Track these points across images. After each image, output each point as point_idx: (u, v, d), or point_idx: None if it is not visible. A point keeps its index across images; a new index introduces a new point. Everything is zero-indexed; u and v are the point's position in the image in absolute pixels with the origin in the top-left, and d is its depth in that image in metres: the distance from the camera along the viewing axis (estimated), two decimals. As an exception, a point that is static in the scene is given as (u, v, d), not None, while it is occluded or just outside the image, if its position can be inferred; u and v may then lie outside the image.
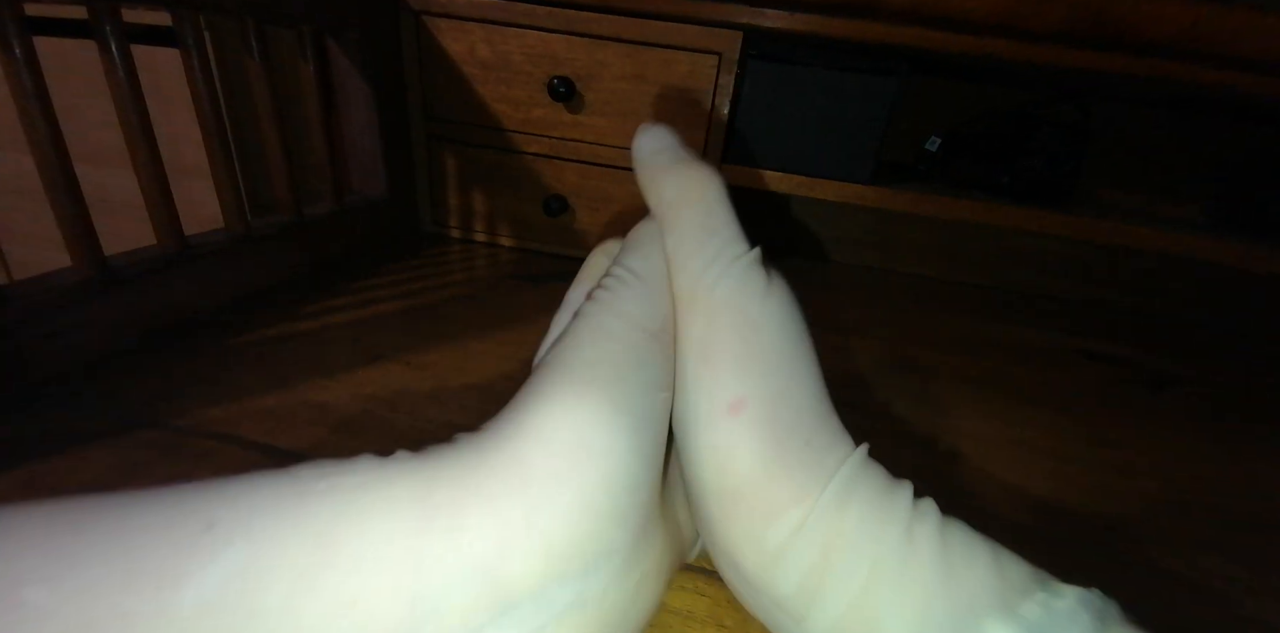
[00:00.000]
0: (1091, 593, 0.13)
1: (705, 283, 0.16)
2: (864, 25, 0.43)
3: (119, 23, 0.27)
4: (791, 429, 0.15)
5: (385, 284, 0.42)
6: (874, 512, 0.14)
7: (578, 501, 0.12)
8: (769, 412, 0.15)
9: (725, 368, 0.15)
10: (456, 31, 0.46)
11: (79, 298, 0.26)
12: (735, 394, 0.15)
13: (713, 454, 0.15)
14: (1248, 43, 0.39)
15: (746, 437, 0.15)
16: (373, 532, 0.11)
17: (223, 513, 0.11)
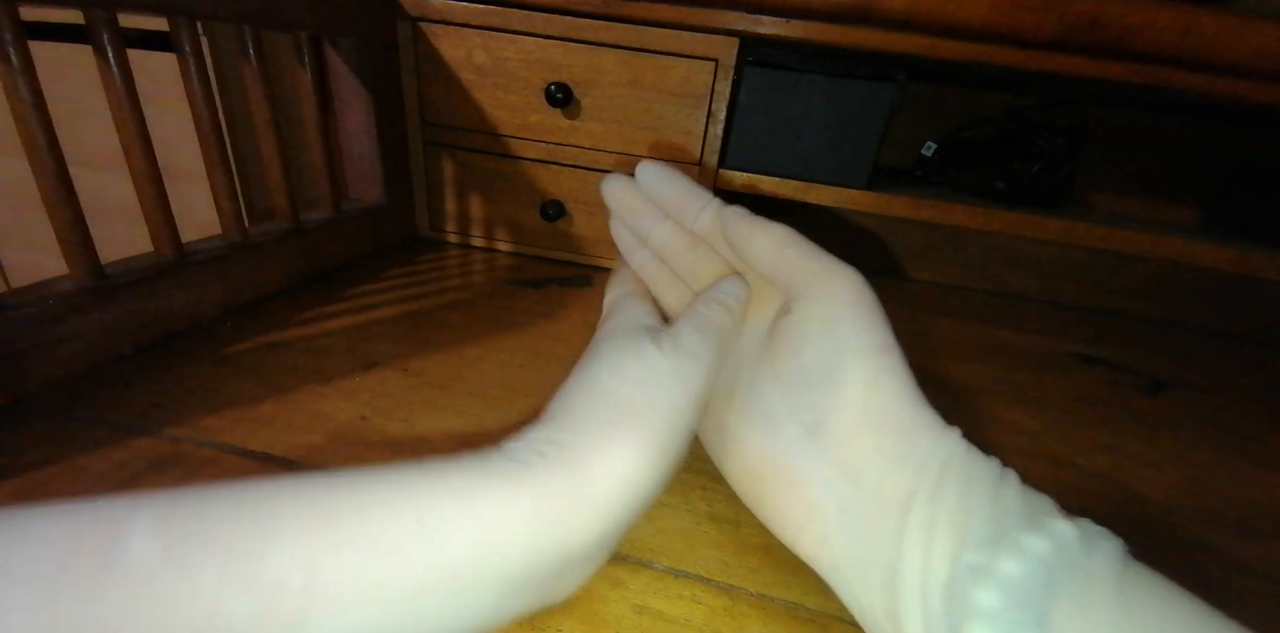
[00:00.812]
0: (1099, 528, 0.16)
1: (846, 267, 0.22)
2: (860, 32, 0.43)
3: (116, 29, 0.27)
4: (916, 386, 0.20)
5: (382, 290, 0.42)
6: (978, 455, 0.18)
7: (621, 517, 0.17)
8: (901, 361, 0.20)
9: (875, 319, 0.20)
10: (454, 38, 0.46)
11: (76, 306, 0.26)
12: (883, 340, 0.20)
13: (866, 382, 0.19)
14: (1241, 49, 0.40)
15: (894, 372, 0.19)
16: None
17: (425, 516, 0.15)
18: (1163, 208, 0.63)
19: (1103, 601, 0.14)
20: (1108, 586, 0.14)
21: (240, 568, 0.13)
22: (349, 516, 0.14)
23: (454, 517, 0.15)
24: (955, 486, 0.17)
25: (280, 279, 0.39)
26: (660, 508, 0.25)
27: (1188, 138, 0.59)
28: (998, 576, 0.14)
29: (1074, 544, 0.15)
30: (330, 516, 0.14)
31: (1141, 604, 0.14)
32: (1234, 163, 0.59)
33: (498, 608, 0.16)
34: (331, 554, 0.13)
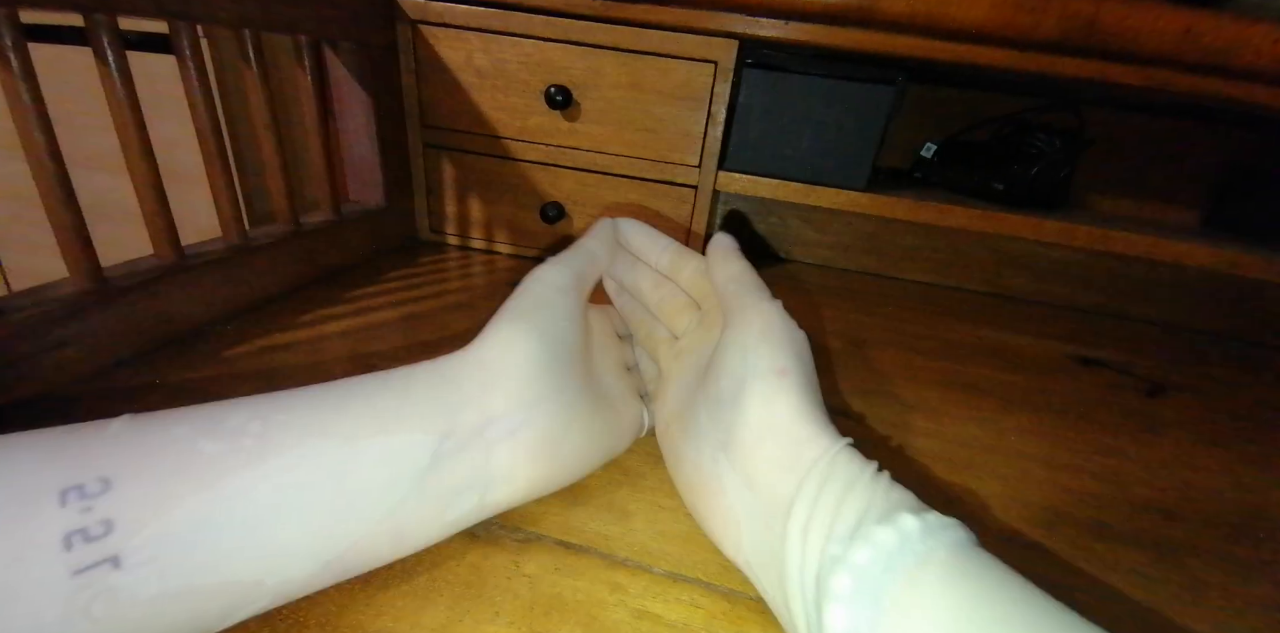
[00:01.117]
0: (945, 520, 0.18)
1: (768, 306, 0.24)
2: (859, 34, 0.43)
3: (116, 32, 0.27)
4: (815, 403, 0.22)
5: (383, 293, 0.42)
6: (857, 461, 0.20)
7: (511, 371, 0.22)
8: (803, 383, 0.22)
9: (778, 350, 0.22)
10: (453, 40, 0.46)
11: (75, 310, 0.26)
12: (782, 364, 0.22)
13: (763, 397, 0.21)
14: (1241, 51, 0.40)
15: (788, 392, 0.21)
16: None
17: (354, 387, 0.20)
18: (1161, 209, 0.63)
19: (932, 580, 0.16)
20: (939, 568, 0.16)
21: (208, 424, 0.17)
22: (297, 391, 0.20)
23: (369, 381, 0.21)
24: (832, 489, 0.19)
25: (280, 282, 0.39)
26: (659, 511, 0.25)
27: (1186, 139, 0.60)
28: (849, 563, 0.17)
29: (915, 534, 0.17)
30: (276, 393, 0.19)
31: (967, 584, 0.16)
32: (1233, 164, 0.59)
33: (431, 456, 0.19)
34: (282, 410, 0.18)
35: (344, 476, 0.18)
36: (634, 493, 0.26)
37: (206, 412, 0.18)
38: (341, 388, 0.20)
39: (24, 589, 0.13)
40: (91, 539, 0.14)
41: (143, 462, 0.16)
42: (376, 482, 0.18)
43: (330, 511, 0.17)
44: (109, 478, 0.15)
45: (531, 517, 0.24)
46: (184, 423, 0.17)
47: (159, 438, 0.17)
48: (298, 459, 0.17)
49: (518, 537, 0.23)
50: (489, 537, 0.22)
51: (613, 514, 0.25)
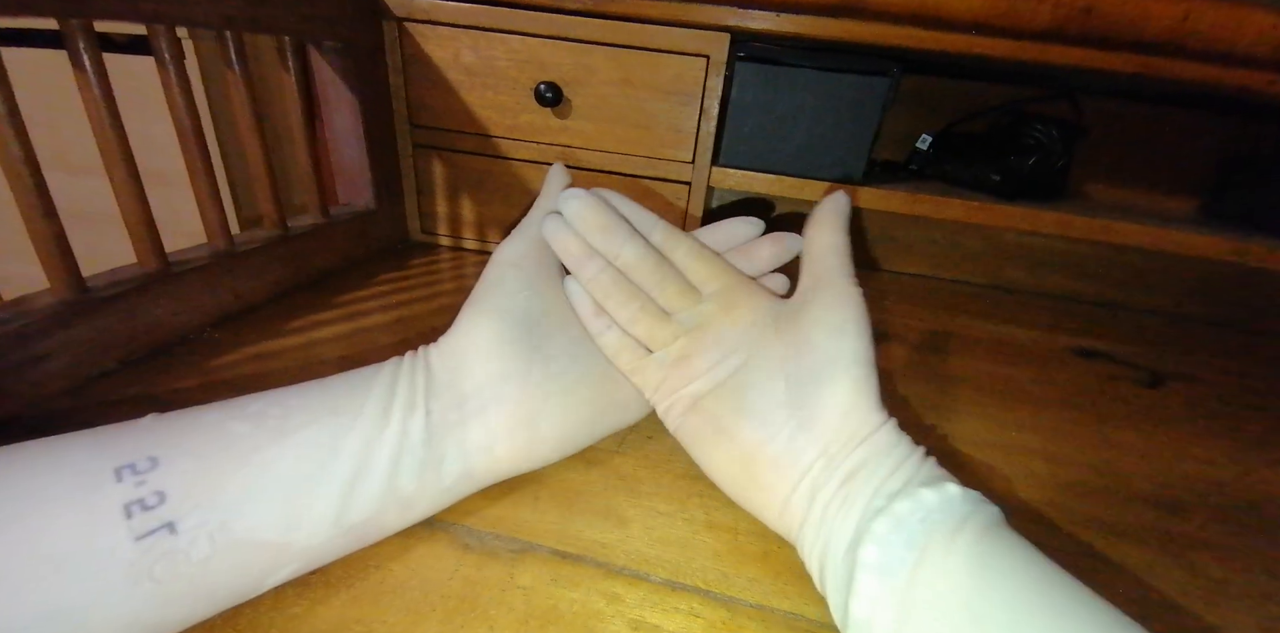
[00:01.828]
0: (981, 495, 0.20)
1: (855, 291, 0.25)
2: (852, 25, 0.42)
3: (92, 37, 0.26)
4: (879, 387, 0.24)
5: (373, 296, 0.42)
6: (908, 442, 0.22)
7: (474, 353, 0.24)
8: (875, 369, 0.23)
9: (865, 334, 0.24)
10: (441, 38, 0.46)
11: (57, 322, 0.26)
12: (869, 353, 0.24)
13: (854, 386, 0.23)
14: (1239, 37, 0.39)
15: (872, 377, 0.23)
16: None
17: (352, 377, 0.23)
18: (1160, 198, 0.62)
19: (968, 540, 0.18)
20: (975, 532, 0.18)
21: (234, 409, 0.20)
22: (305, 384, 0.22)
23: (373, 371, 0.23)
24: (890, 459, 0.21)
25: (269, 287, 0.38)
26: (656, 517, 0.25)
27: (1184, 127, 0.59)
28: (890, 511, 0.19)
29: (957, 499, 0.19)
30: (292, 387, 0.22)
31: (998, 550, 0.18)
32: (1232, 152, 0.59)
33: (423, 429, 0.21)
34: (296, 395, 0.21)
35: (354, 448, 0.20)
36: (631, 499, 0.26)
37: (229, 402, 0.20)
38: (345, 377, 0.23)
39: (95, 556, 0.15)
40: (148, 508, 0.16)
41: (183, 442, 0.18)
42: (382, 454, 0.20)
43: (345, 480, 0.19)
44: (156, 457, 0.17)
45: (527, 526, 0.23)
46: (212, 410, 0.20)
47: (193, 423, 0.19)
48: (315, 434, 0.19)
49: (513, 547, 0.22)
50: (483, 548, 0.22)
51: (609, 521, 0.24)
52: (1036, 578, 0.17)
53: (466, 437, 0.22)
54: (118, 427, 0.18)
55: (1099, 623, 0.16)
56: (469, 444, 0.22)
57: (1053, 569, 0.18)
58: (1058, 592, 0.17)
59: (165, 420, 0.19)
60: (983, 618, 0.16)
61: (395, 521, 0.21)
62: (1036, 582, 0.17)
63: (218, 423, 0.19)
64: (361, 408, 0.21)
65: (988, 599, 0.17)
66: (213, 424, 0.19)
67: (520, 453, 0.24)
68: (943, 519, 0.18)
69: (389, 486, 0.20)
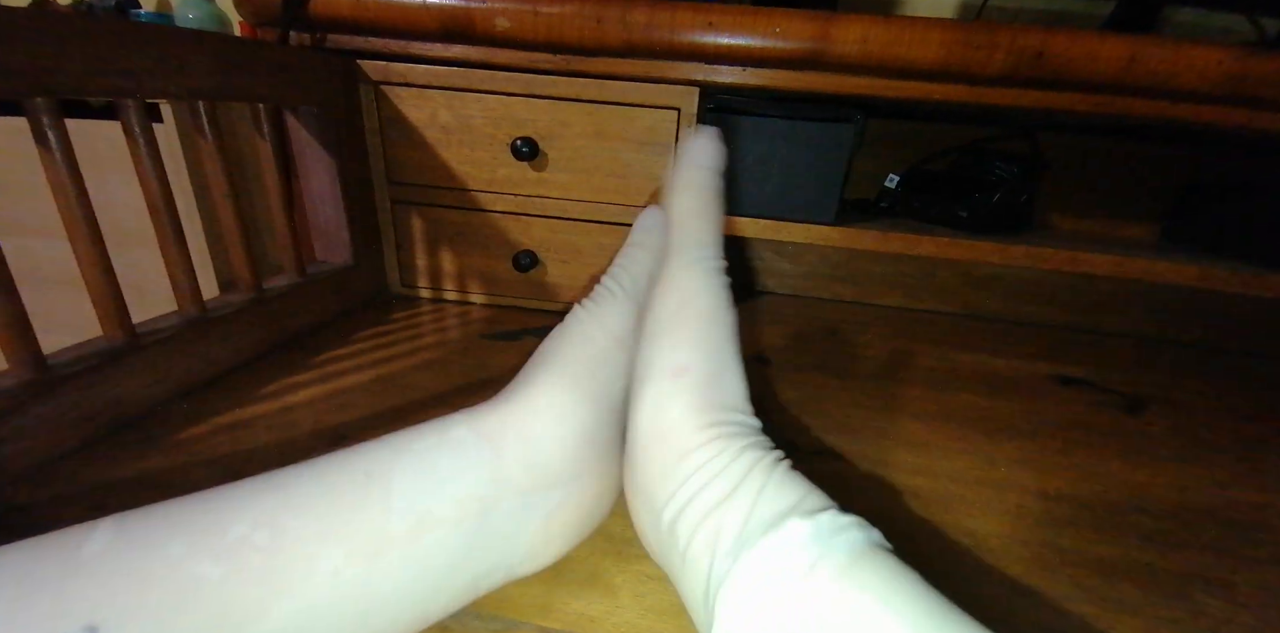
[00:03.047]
0: (841, 520, 0.17)
1: (689, 273, 0.22)
2: (815, 77, 0.44)
3: (58, 113, 0.26)
4: (716, 398, 0.20)
5: (351, 355, 0.41)
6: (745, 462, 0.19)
7: (557, 446, 0.20)
8: (704, 381, 0.20)
9: (680, 340, 0.20)
10: (417, 99, 0.47)
11: (17, 404, 0.25)
12: (682, 361, 0.20)
13: (653, 403, 0.20)
14: (1185, 74, 0.41)
15: (681, 394, 0.20)
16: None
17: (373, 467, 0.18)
18: (1123, 225, 0.65)
19: (821, 586, 0.15)
20: (831, 573, 0.16)
21: (206, 537, 0.15)
22: (302, 476, 0.17)
23: (390, 458, 0.18)
24: (710, 496, 0.18)
25: (242, 351, 0.38)
26: (646, 582, 0.24)
27: (1141, 158, 0.61)
28: (736, 576, 0.16)
29: (805, 539, 0.16)
30: (282, 479, 0.17)
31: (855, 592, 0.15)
32: (1189, 180, 0.61)
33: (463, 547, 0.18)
34: (291, 511, 0.16)
35: (367, 587, 0.16)
36: (618, 563, 0.25)
37: (203, 517, 0.16)
38: (359, 469, 0.18)
39: None
40: None
41: (132, 599, 0.14)
42: (403, 587, 0.17)
43: (354, 624, 0.16)
44: (95, 627, 0.13)
45: (509, 602, 0.22)
46: (178, 538, 0.15)
47: (150, 562, 0.14)
48: (312, 576, 0.15)
49: (494, 627, 0.21)
50: (464, 630, 0.21)
51: (596, 591, 0.23)
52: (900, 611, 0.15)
53: (520, 540, 0.19)
54: (53, 556, 0.14)
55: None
56: (520, 549, 0.19)
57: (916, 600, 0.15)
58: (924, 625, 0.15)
59: (118, 549, 0.14)
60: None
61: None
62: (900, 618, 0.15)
63: (184, 562, 0.14)
64: (383, 527, 0.16)
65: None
66: (177, 564, 0.14)
67: (566, 552, 0.21)
68: (794, 567, 0.16)
69: (412, 620, 0.17)
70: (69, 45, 0.25)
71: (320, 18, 0.43)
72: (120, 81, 0.27)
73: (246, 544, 0.15)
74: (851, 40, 0.41)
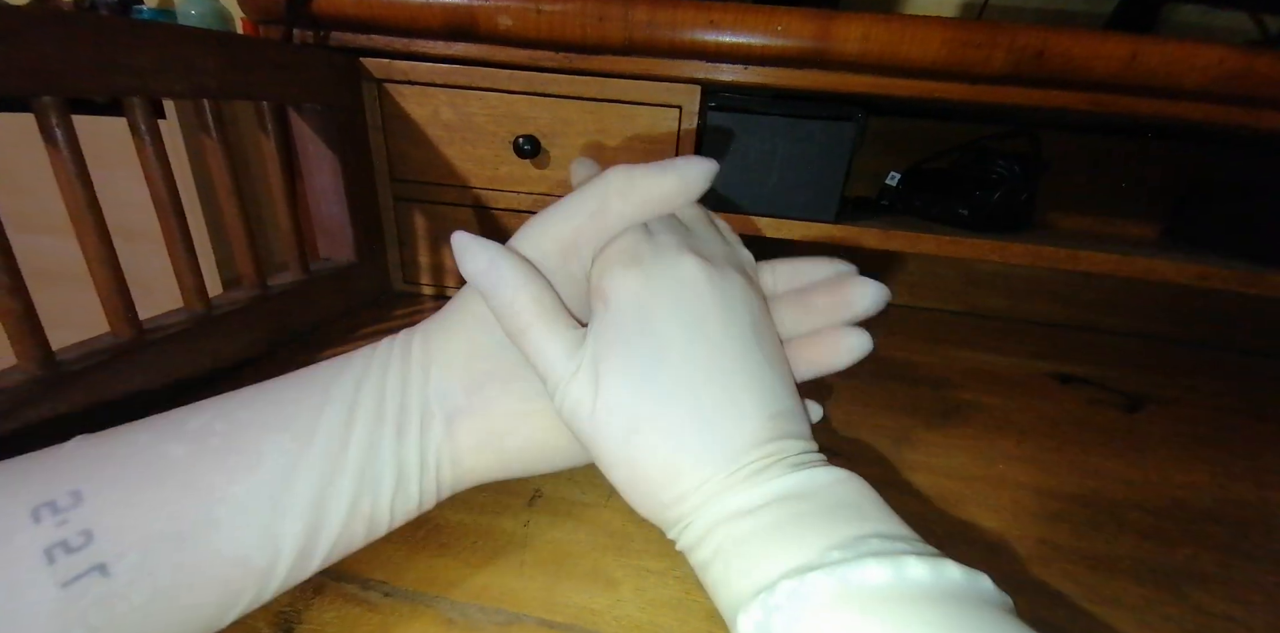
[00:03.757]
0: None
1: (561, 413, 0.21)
2: (816, 75, 0.44)
3: (66, 113, 0.26)
4: (681, 443, 0.19)
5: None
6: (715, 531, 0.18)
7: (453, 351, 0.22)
8: (658, 438, 0.19)
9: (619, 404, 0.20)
10: (420, 97, 0.47)
11: (25, 400, 0.25)
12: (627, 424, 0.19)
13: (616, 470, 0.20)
14: (1186, 74, 0.41)
15: (639, 456, 0.19)
16: None
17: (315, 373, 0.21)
18: (1124, 224, 0.65)
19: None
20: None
21: (171, 428, 0.18)
22: (251, 387, 0.20)
23: (328, 366, 0.21)
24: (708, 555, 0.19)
25: (249, 348, 0.38)
26: (647, 576, 0.24)
27: (1143, 156, 0.61)
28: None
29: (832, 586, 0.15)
30: (242, 393, 0.20)
31: None
32: (1189, 178, 0.61)
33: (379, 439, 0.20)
34: (244, 406, 0.19)
35: (307, 469, 0.18)
36: (620, 558, 0.25)
37: (167, 418, 0.19)
38: (302, 379, 0.21)
39: (16, 608, 0.14)
40: (73, 550, 0.14)
41: (111, 471, 0.16)
42: (341, 473, 0.18)
43: (303, 508, 0.18)
44: (79, 491, 0.15)
45: (512, 595, 0.23)
46: (146, 430, 0.18)
47: (123, 448, 0.17)
48: (260, 457, 0.17)
49: (497, 620, 0.21)
50: (467, 622, 0.21)
51: (598, 584, 0.23)
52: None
53: (430, 447, 0.20)
54: (37, 456, 0.17)
55: None
56: (435, 455, 0.21)
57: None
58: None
59: (91, 444, 0.17)
60: None
61: (362, 540, 0.20)
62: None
63: (151, 445, 0.17)
64: (316, 424, 0.19)
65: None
66: (145, 447, 0.17)
67: (486, 468, 0.22)
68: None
69: (352, 511, 0.19)
70: (76, 44, 0.25)
71: (323, 15, 0.44)
72: (126, 80, 0.27)
73: (206, 430, 0.18)
74: (853, 39, 0.41)
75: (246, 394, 0.20)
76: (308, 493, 0.18)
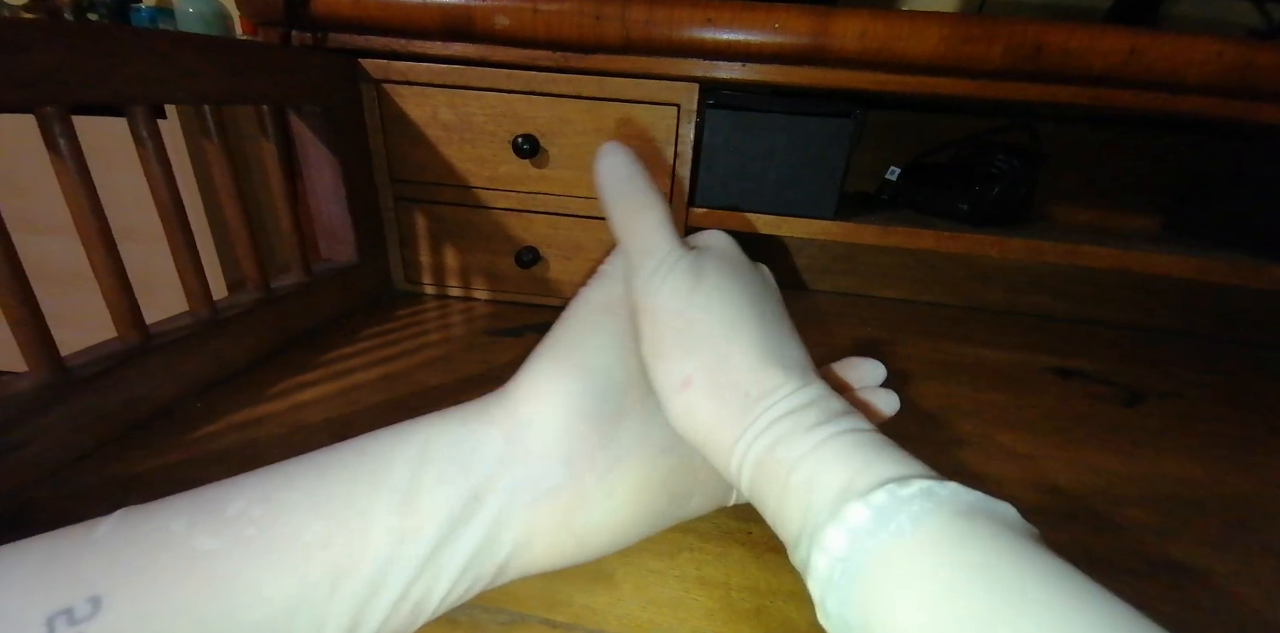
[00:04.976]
0: (939, 484, 0.17)
1: (646, 292, 0.22)
2: (815, 72, 0.44)
3: (69, 122, 0.26)
4: (733, 387, 0.20)
5: (358, 353, 0.42)
6: (787, 435, 0.19)
7: (543, 423, 0.20)
8: (710, 380, 0.20)
9: (672, 356, 0.21)
10: (418, 97, 0.47)
11: (36, 407, 0.26)
12: (682, 375, 0.20)
13: (679, 420, 0.21)
14: (1184, 67, 0.41)
15: (697, 404, 0.20)
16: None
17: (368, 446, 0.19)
18: (1124, 217, 0.64)
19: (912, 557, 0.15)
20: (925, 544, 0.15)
21: (206, 515, 0.16)
22: (304, 459, 0.19)
23: (388, 439, 0.19)
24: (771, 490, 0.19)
25: (253, 350, 0.38)
26: (647, 575, 0.25)
27: (1142, 149, 0.61)
28: (823, 546, 0.16)
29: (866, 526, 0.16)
30: (284, 464, 0.18)
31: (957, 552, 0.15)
32: (1188, 170, 0.61)
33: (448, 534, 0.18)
34: (286, 486, 0.17)
35: (356, 562, 0.16)
36: (621, 557, 0.25)
37: (206, 498, 0.17)
38: (353, 454, 0.19)
39: None
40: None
41: (134, 571, 0.15)
42: (392, 567, 0.17)
43: (345, 598, 0.16)
44: (99, 596, 0.14)
45: (515, 595, 0.23)
46: (180, 516, 0.16)
47: (152, 538, 0.16)
48: (304, 550, 0.16)
49: (500, 619, 0.22)
50: (471, 623, 0.22)
51: (599, 583, 0.24)
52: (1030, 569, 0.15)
53: (503, 534, 0.19)
54: (69, 538, 0.15)
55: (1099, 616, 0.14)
56: (504, 540, 0.19)
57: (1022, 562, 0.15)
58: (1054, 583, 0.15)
59: (124, 529, 0.16)
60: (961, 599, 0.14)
61: (407, 627, 0.18)
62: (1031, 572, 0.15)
63: (182, 537, 0.15)
64: (370, 505, 0.17)
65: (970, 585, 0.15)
66: (176, 538, 0.15)
67: (559, 556, 0.20)
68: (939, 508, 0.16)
69: (399, 602, 0.17)
70: (78, 55, 0.25)
71: (321, 17, 0.44)
72: (128, 88, 0.28)
73: (243, 518, 0.16)
74: (850, 35, 0.41)
75: (291, 469, 0.18)
76: (350, 602, 0.16)
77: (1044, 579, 0.15)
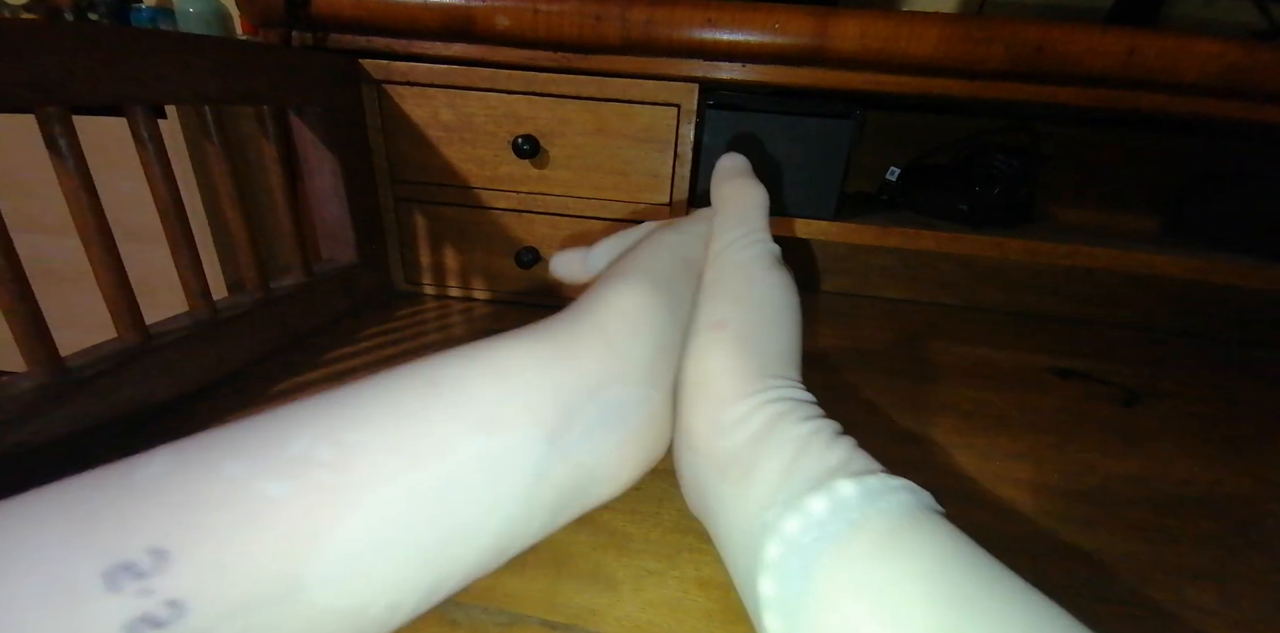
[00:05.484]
0: (891, 483, 0.18)
1: (730, 247, 0.24)
2: (814, 73, 0.44)
3: (69, 123, 0.27)
4: (755, 354, 0.21)
5: (358, 353, 0.42)
6: (792, 419, 0.19)
7: (638, 344, 0.20)
8: (740, 335, 0.21)
9: (720, 299, 0.22)
10: (419, 97, 0.47)
11: (36, 408, 0.26)
12: (721, 317, 0.22)
13: (696, 354, 0.21)
14: (1184, 68, 0.41)
15: (722, 344, 0.21)
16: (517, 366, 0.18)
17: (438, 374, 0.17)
18: (1124, 217, 0.64)
19: (865, 550, 0.15)
20: (874, 536, 0.16)
21: (265, 455, 0.14)
22: (362, 390, 0.16)
23: (459, 363, 0.18)
24: (765, 452, 0.19)
25: (253, 350, 0.38)
26: (646, 576, 0.25)
27: (1142, 149, 0.61)
28: (779, 532, 0.16)
29: (851, 501, 0.16)
30: (339, 395, 0.16)
31: (903, 555, 0.15)
32: (1189, 171, 0.61)
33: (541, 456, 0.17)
34: (352, 425, 0.15)
35: (442, 503, 0.15)
36: (620, 558, 0.25)
37: (259, 435, 0.15)
38: (424, 384, 0.17)
39: None
40: (160, 625, 0.11)
41: (198, 520, 0.13)
42: (480, 504, 0.16)
43: (431, 544, 0.15)
44: (164, 549, 0.12)
45: (514, 596, 0.23)
46: (238, 457, 0.14)
47: (210, 483, 0.13)
48: (384, 493, 0.14)
49: (500, 620, 0.22)
50: (470, 623, 0.22)
51: (598, 584, 0.24)
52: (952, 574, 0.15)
53: (598, 456, 0.18)
54: (103, 486, 0.13)
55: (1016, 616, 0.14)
56: (597, 469, 0.18)
57: (972, 563, 0.16)
58: (977, 589, 0.15)
59: (172, 471, 0.13)
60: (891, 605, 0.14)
61: (494, 567, 0.18)
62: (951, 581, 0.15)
63: (245, 481, 0.13)
64: (450, 437, 0.15)
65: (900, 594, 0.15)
66: (238, 483, 0.13)
67: (639, 474, 0.21)
68: (836, 531, 0.16)
69: (491, 541, 0.16)
70: (78, 56, 0.26)
71: (322, 17, 0.44)
72: (128, 88, 0.28)
73: (309, 461, 0.14)
74: (850, 36, 0.41)
75: (352, 400, 0.16)
76: (438, 532, 0.15)
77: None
